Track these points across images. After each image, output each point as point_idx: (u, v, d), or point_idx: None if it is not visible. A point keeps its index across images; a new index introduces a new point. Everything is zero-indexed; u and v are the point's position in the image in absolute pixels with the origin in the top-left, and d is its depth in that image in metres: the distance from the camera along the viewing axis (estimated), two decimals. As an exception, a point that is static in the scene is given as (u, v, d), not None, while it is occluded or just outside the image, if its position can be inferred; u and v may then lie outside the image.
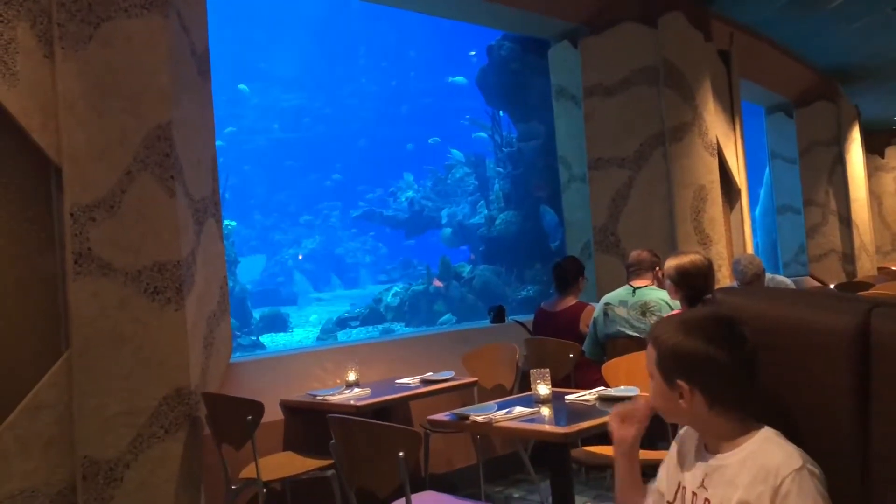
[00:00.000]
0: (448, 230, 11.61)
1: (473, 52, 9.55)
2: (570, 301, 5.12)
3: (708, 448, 1.58)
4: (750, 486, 1.44)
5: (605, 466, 4.00)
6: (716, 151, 6.81)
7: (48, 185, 3.42)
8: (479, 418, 3.01)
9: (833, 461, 1.45)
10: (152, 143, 3.52)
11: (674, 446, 1.69)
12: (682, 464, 1.64)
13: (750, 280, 5.35)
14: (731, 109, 7.57)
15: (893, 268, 12.33)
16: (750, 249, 7.68)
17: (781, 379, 1.56)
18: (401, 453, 2.48)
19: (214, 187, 4.30)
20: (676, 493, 1.62)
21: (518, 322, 5.78)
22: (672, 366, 1.54)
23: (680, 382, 1.53)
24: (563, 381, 4.52)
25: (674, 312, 4.20)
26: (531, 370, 3.41)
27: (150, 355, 3.46)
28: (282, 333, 10.46)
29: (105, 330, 3.36)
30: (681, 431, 1.69)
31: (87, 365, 3.33)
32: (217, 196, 4.33)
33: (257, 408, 3.43)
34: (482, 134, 10.43)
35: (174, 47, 3.72)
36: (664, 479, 1.68)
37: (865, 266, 11.11)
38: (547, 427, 2.94)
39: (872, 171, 14.27)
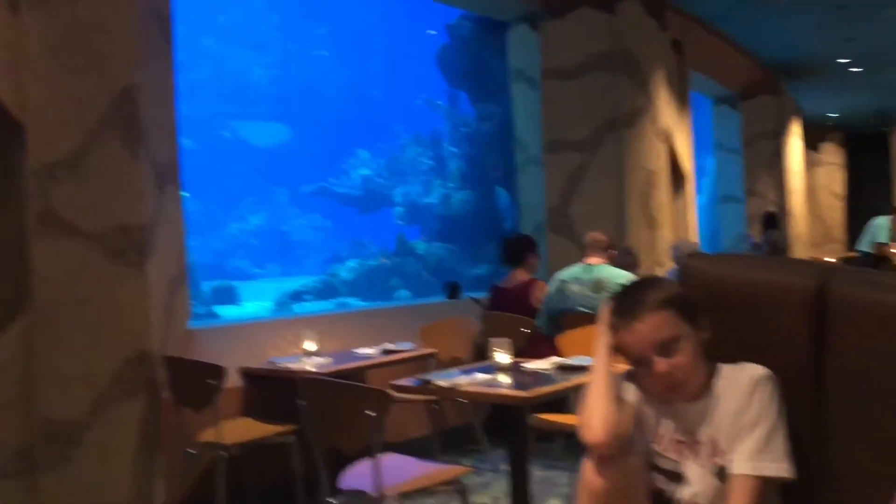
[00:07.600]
0: (400, 209, 11.65)
1: (434, 32, 9.53)
2: (523, 277, 5.24)
3: (665, 400, 1.66)
4: (740, 398, 1.57)
5: (556, 434, 4.16)
6: (666, 138, 7.02)
7: (10, 143, 3.35)
8: (443, 383, 3.10)
9: (792, 413, 1.58)
10: (119, 104, 3.48)
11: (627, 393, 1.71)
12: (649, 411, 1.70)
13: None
14: (681, 99, 7.80)
15: (825, 259, 12.85)
16: (694, 235, 7.95)
17: (744, 338, 1.68)
18: (371, 413, 2.55)
19: (174, 154, 4.27)
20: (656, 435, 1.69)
21: (472, 298, 5.88)
22: (691, 312, 1.63)
23: (702, 325, 1.64)
24: (516, 354, 4.64)
25: None
26: (490, 339, 3.52)
27: (112, 317, 3.44)
28: (232, 306, 10.35)
29: (67, 291, 3.34)
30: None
31: (49, 326, 3.30)
32: (176, 163, 4.30)
33: (219, 372, 3.46)
34: (437, 113, 10.48)
35: (141, 9, 3.69)
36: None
37: (799, 256, 11.59)
38: (509, 391, 3.05)
39: (808, 166, 14.82)
